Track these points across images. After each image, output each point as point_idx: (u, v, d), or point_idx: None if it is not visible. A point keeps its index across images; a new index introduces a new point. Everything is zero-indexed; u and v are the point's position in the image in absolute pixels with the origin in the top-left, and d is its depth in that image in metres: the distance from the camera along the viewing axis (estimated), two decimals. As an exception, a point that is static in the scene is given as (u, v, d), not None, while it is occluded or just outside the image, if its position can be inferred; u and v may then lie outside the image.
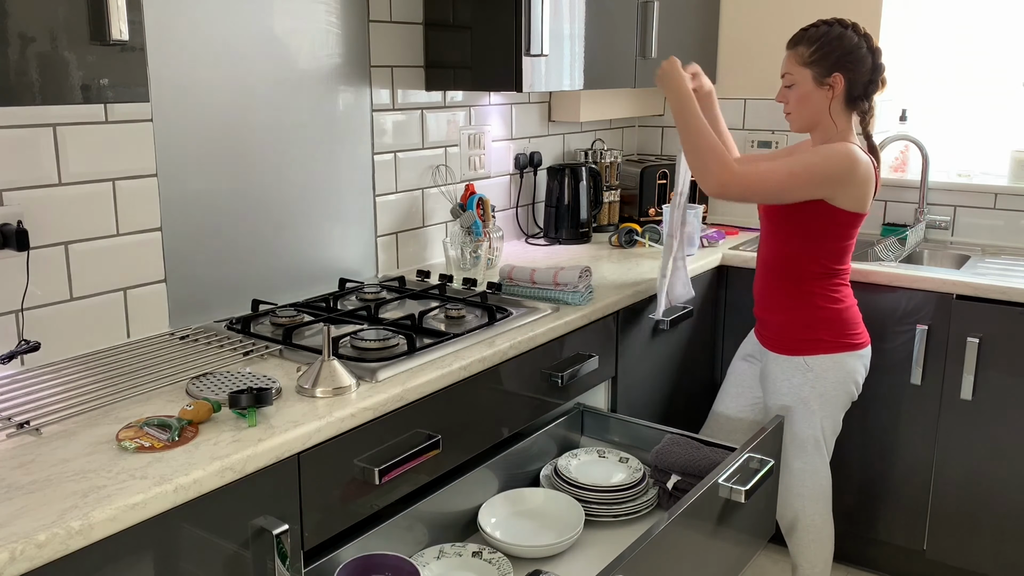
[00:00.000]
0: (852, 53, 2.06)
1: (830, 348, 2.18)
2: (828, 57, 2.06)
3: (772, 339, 2.27)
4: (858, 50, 2.06)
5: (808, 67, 2.08)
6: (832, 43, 2.06)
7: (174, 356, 1.73)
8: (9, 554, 1.05)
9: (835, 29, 2.08)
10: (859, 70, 2.07)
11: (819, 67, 2.07)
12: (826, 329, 2.18)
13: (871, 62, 2.08)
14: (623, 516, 1.96)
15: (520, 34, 2.27)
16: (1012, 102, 3.06)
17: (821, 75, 2.07)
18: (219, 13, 1.92)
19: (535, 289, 2.19)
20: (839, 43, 2.06)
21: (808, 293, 2.18)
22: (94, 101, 1.35)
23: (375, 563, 1.55)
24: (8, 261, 1.61)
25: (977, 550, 2.59)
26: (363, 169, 2.34)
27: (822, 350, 2.18)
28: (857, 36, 2.07)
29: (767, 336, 2.29)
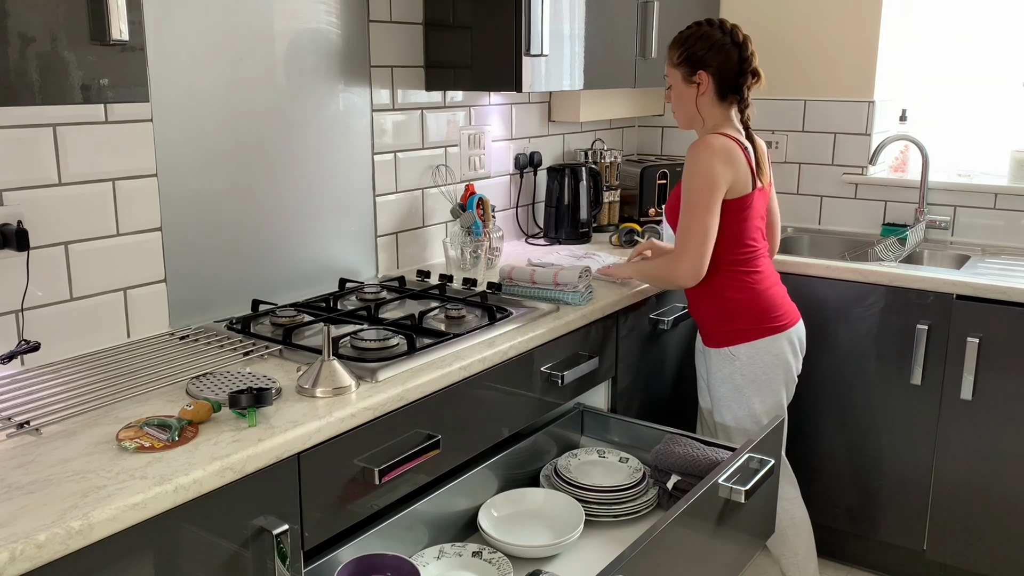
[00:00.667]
0: (716, 50, 2.13)
1: (750, 335, 2.22)
2: (692, 56, 2.14)
3: (703, 334, 2.33)
4: (721, 46, 2.13)
5: (677, 68, 2.18)
6: (696, 42, 2.14)
7: (174, 356, 1.73)
8: (9, 554, 1.05)
9: (701, 28, 2.16)
10: (724, 65, 2.14)
11: (685, 67, 2.16)
12: (742, 318, 2.22)
13: (737, 55, 2.14)
14: (623, 516, 1.96)
15: (520, 34, 2.27)
16: (1012, 102, 3.06)
17: (688, 74, 2.16)
18: (219, 13, 1.92)
19: (535, 289, 2.19)
20: (702, 41, 2.14)
21: (717, 287, 2.21)
22: (94, 101, 1.35)
23: (375, 563, 1.55)
24: (8, 261, 1.61)
25: (977, 550, 2.59)
26: (363, 169, 2.34)
27: (743, 339, 2.23)
28: (722, 32, 2.14)
29: (701, 332, 2.36)
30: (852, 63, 3.09)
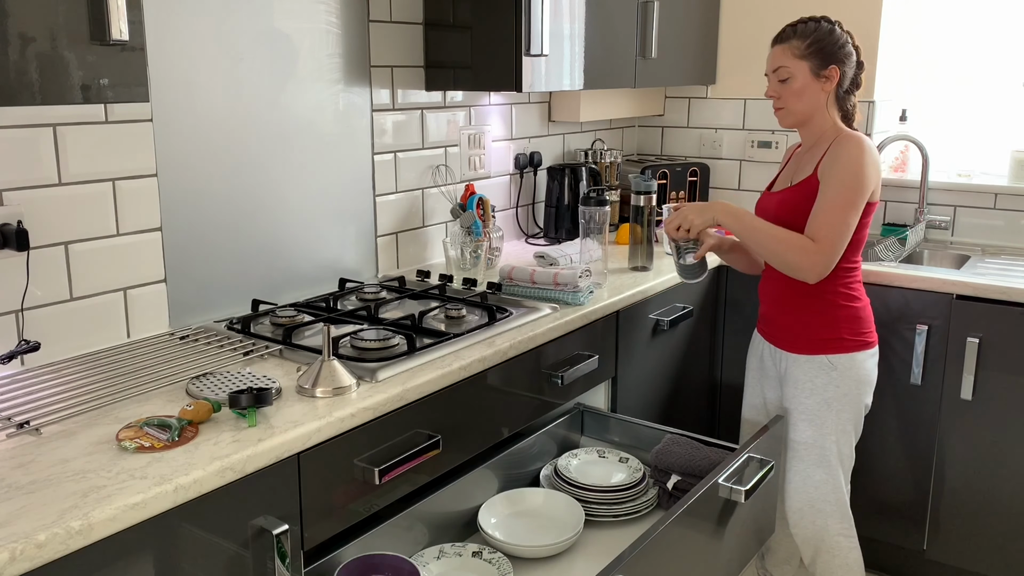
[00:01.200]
0: (844, 47, 2.10)
1: (851, 347, 2.15)
2: (824, 50, 2.08)
3: (789, 340, 2.21)
4: (847, 45, 2.11)
5: (805, 59, 2.08)
6: (826, 36, 2.09)
7: (174, 356, 1.73)
8: (9, 554, 1.05)
9: (824, 24, 2.11)
10: (849, 64, 2.11)
11: (816, 59, 2.08)
12: (847, 327, 2.14)
13: (856, 58, 2.13)
14: (623, 516, 1.96)
15: (520, 34, 2.27)
16: (1012, 102, 3.06)
17: (818, 67, 2.08)
18: (219, 13, 1.92)
19: (535, 289, 2.19)
20: (831, 36, 2.09)
21: (826, 291, 2.14)
22: (94, 101, 1.35)
23: (375, 563, 1.55)
24: (8, 261, 1.61)
25: (977, 550, 2.59)
26: (363, 169, 2.34)
27: (844, 348, 2.15)
28: (843, 31, 2.12)
29: (782, 337, 2.23)
30: (852, 63, 3.09)
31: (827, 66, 2.08)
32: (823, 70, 2.08)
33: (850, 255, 2.12)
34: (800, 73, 2.09)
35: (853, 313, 2.15)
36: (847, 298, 2.15)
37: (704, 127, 3.43)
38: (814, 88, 2.10)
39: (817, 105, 2.11)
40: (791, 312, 2.19)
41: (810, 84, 2.09)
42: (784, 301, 2.20)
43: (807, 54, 2.08)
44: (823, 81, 2.09)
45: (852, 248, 2.11)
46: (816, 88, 2.10)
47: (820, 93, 2.11)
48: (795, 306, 2.18)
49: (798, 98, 2.11)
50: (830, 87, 2.10)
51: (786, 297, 2.19)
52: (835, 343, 2.15)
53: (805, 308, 2.16)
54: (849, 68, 2.11)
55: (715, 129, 3.40)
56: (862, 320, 2.16)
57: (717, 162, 3.40)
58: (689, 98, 3.44)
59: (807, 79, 2.09)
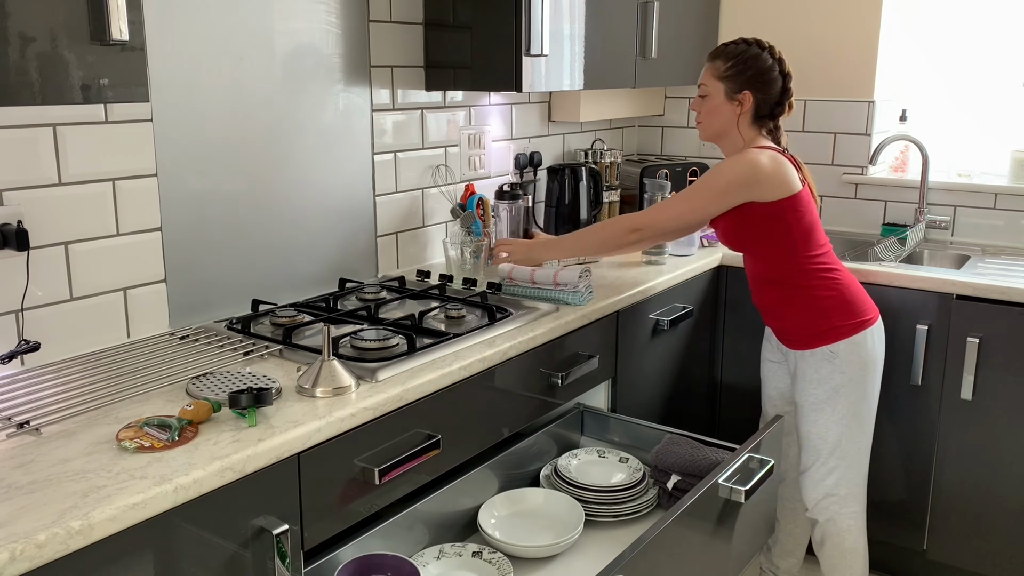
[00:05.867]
0: (764, 74, 2.15)
1: (849, 331, 2.19)
2: (741, 75, 2.15)
3: (791, 339, 2.27)
4: (770, 72, 2.16)
5: (722, 81, 2.17)
6: (747, 62, 2.15)
7: (174, 356, 1.73)
8: (9, 554, 1.05)
9: (752, 49, 2.16)
10: (768, 91, 2.16)
11: (731, 83, 2.16)
12: (838, 315, 2.18)
13: (780, 85, 2.17)
14: (623, 516, 1.96)
15: (520, 34, 2.27)
16: (1012, 102, 3.06)
17: (732, 91, 2.16)
18: (219, 13, 1.92)
19: (535, 289, 2.19)
20: (754, 63, 2.15)
21: (804, 289, 2.19)
22: (94, 101, 1.35)
23: (375, 563, 1.55)
24: (8, 261, 1.61)
25: (977, 550, 2.59)
26: (363, 169, 2.34)
27: (842, 335, 2.19)
28: (772, 59, 2.16)
29: (784, 337, 2.31)
30: (852, 63, 3.09)
31: (740, 91, 2.15)
32: (736, 94, 2.16)
33: (806, 248, 2.16)
34: (716, 93, 2.18)
35: (838, 301, 2.19)
36: (825, 288, 2.19)
37: (704, 127, 3.42)
38: (726, 109, 2.18)
39: (728, 124, 2.20)
40: (781, 317, 2.27)
41: (722, 105, 2.18)
42: (774, 311, 2.28)
43: (724, 76, 2.17)
44: (735, 104, 2.17)
45: (804, 243, 2.16)
46: (728, 109, 2.18)
47: (731, 114, 2.18)
48: (784, 313, 2.25)
49: (711, 116, 2.21)
50: (742, 110, 2.17)
51: (776, 307, 2.27)
52: (830, 332, 2.19)
53: (793, 312, 2.23)
54: (768, 95, 2.16)
55: (715, 129, 3.39)
56: (849, 303, 2.20)
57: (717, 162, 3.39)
58: (689, 98, 3.44)
59: (720, 99, 2.18)
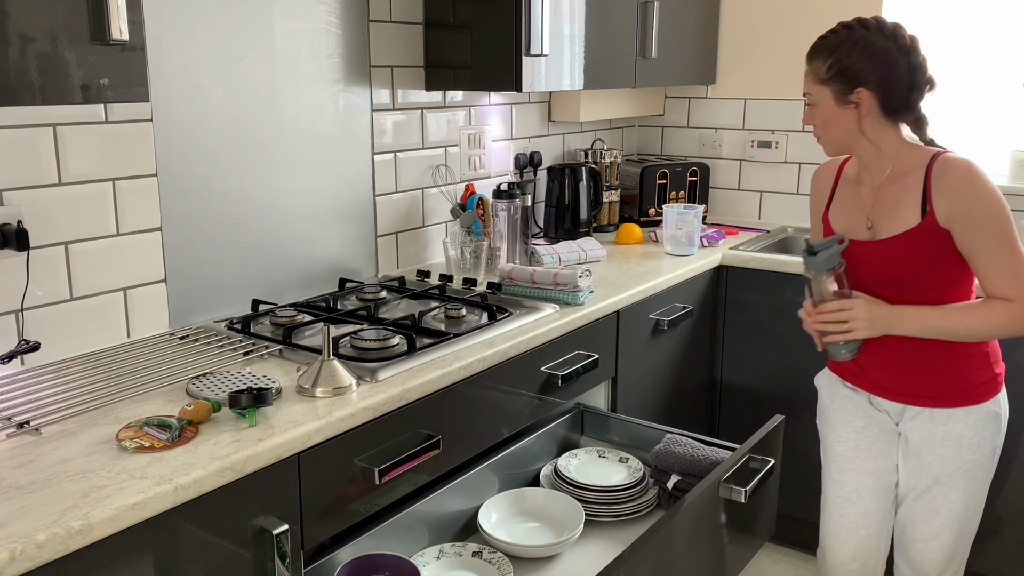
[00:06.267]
0: (878, 61, 1.69)
1: (1001, 381, 1.83)
2: (848, 70, 1.70)
3: (939, 395, 1.79)
4: (885, 55, 1.69)
5: (826, 85, 1.74)
6: (851, 53, 1.70)
7: (174, 356, 1.73)
8: (9, 554, 1.05)
9: (856, 33, 1.71)
10: (891, 79, 1.69)
11: (839, 84, 1.72)
12: (998, 361, 1.83)
13: (906, 64, 1.69)
14: (623, 516, 1.96)
15: (520, 34, 2.27)
16: (1012, 102, 3.06)
17: (842, 92, 1.72)
18: (219, 13, 1.92)
19: (535, 289, 2.19)
20: (860, 52, 1.69)
21: None
22: (94, 101, 1.35)
23: (375, 563, 1.55)
24: (8, 261, 1.61)
25: (978, 551, 2.59)
26: (363, 169, 2.34)
27: (999, 385, 1.82)
28: (883, 37, 1.70)
29: (923, 394, 1.81)
30: (852, 63, 3.09)
31: (852, 90, 1.71)
32: (848, 94, 1.72)
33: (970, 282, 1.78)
34: (824, 100, 1.76)
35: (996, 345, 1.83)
36: None
37: (704, 127, 3.43)
38: (842, 117, 1.74)
39: (851, 134, 1.76)
40: (938, 368, 1.78)
41: (836, 113, 1.75)
42: (925, 358, 1.79)
43: (828, 78, 1.73)
44: (851, 109, 1.73)
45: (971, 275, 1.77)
46: (845, 117, 1.74)
47: (850, 121, 1.74)
48: (943, 359, 1.78)
49: (828, 128, 1.78)
50: (861, 113, 1.72)
51: (925, 360, 1.79)
52: (993, 382, 1.80)
53: (957, 354, 1.77)
54: (891, 84, 1.69)
55: (715, 129, 3.40)
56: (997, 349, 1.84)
57: (717, 162, 3.40)
58: (689, 98, 3.44)
59: (831, 107, 1.75)
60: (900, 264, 1.74)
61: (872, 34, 1.70)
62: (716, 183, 3.41)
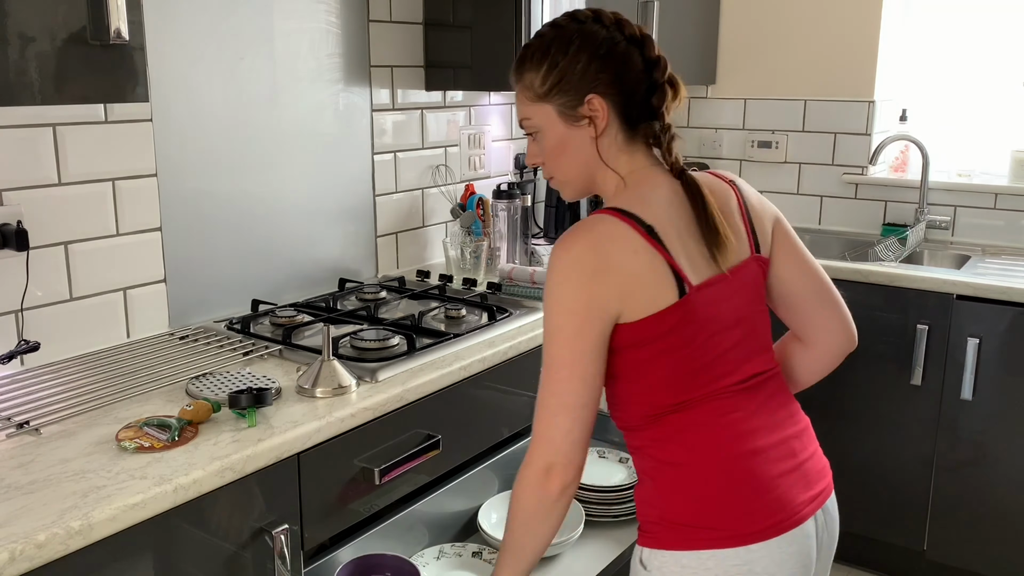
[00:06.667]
0: (605, 54, 1.25)
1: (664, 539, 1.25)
2: (571, 73, 1.25)
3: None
4: (613, 46, 1.25)
5: (546, 100, 1.27)
6: (570, 51, 1.25)
7: (174, 356, 1.73)
8: (9, 554, 1.05)
9: (568, 28, 1.27)
10: (626, 75, 1.25)
11: (563, 95, 1.26)
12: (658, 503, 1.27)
13: (640, 57, 1.27)
14: (623, 516, 1.96)
15: (520, 34, 2.27)
16: (1012, 102, 3.06)
17: (569, 105, 1.26)
18: (219, 13, 1.92)
19: (535, 289, 2.18)
20: (580, 47, 1.25)
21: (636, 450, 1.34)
22: (94, 101, 1.35)
23: (375, 563, 1.55)
24: (8, 261, 1.61)
25: (977, 550, 2.59)
26: (363, 169, 2.34)
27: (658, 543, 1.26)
28: (604, 27, 1.27)
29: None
30: (852, 63, 3.09)
31: (581, 100, 1.25)
32: (578, 106, 1.25)
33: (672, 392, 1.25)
34: (547, 123, 1.29)
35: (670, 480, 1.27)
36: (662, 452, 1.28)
37: (704, 127, 3.43)
38: (577, 140, 1.28)
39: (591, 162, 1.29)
40: None
41: (569, 137, 1.28)
42: None
43: (545, 92, 1.27)
44: (583, 124, 1.27)
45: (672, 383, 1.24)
46: (580, 138, 1.28)
47: (588, 145, 1.28)
48: None
49: (560, 158, 1.30)
50: (600, 128, 1.26)
51: None
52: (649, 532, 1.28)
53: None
54: (628, 81, 1.25)
55: (715, 129, 3.40)
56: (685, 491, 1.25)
57: (717, 162, 3.40)
58: (689, 98, 3.42)
59: (558, 130, 1.28)
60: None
61: (589, 24, 1.27)
62: (716, 183, 3.41)
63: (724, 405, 1.26)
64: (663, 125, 1.28)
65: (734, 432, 1.25)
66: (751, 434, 1.26)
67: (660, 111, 1.28)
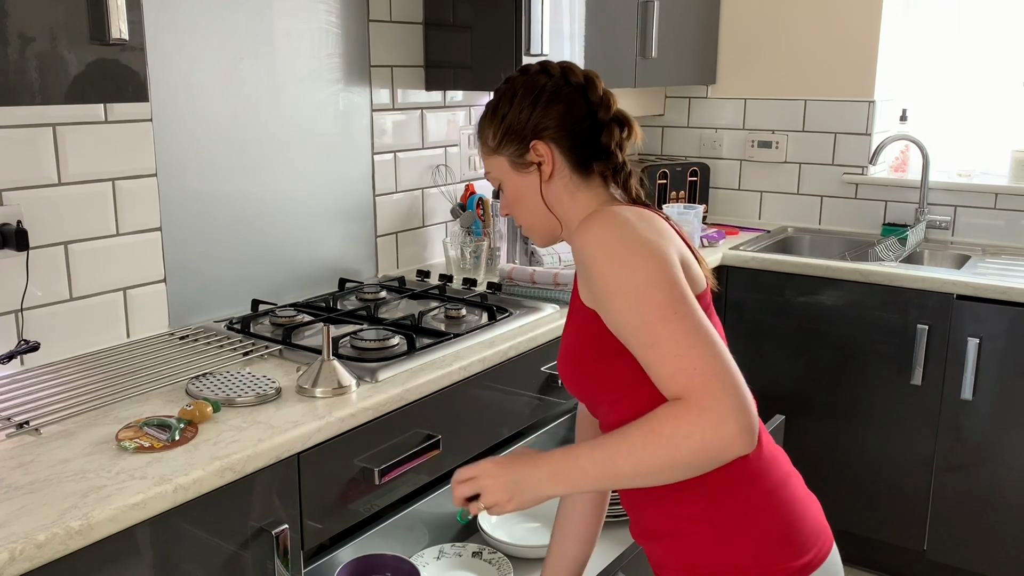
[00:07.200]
0: (548, 101, 1.28)
1: None
2: (516, 124, 1.28)
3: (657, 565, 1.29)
4: (556, 92, 1.28)
5: (499, 152, 1.31)
6: (513, 102, 1.29)
7: (174, 356, 1.73)
8: (9, 554, 1.05)
9: (515, 82, 1.31)
10: (569, 118, 1.28)
11: (511, 145, 1.29)
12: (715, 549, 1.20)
13: (583, 100, 1.29)
14: (623, 516, 1.96)
15: (520, 34, 2.27)
16: (1012, 102, 3.06)
17: (517, 154, 1.29)
18: (219, 13, 1.92)
19: (535, 289, 2.19)
20: (523, 97, 1.29)
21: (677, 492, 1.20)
22: (94, 101, 1.35)
23: (375, 563, 1.55)
24: (8, 261, 1.61)
25: (977, 550, 2.59)
26: (363, 169, 2.34)
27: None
28: (547, 76, 1.30)
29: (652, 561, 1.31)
30: (852, 63, 3.09)
31: (527, 148, 1.28)
32: (525, 155, 1.29)
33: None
34: (503, 173, 1.32)
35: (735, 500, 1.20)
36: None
37: (704, 127, 3.43)
38: (527, 186, 1.30)
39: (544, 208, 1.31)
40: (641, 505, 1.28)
41: (520, 183, 1.31)
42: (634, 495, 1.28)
43: (497, 145, 1.31)
44: (533, 172, 1.29)
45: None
46: (529, 185, 1.30)
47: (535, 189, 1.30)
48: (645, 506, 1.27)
49: (521, 208, 1.33)
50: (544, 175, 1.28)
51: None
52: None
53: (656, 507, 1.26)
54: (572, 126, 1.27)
55: (715, 129, 3.40)
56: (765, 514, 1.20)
57: (717, 162, 3.40)
58: (689, 98, 3.44)
59: (513, 180, 1.31)
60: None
61: (533, 76, 1.31)
62: (716, 183, 3.42)
63: None
64: (618, 163, 1.30)
65: (771, 454, 1.21)
66: (775, 461, 1.22)
67: (611, 150, 1.29)
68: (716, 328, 1.18)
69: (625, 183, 1.31)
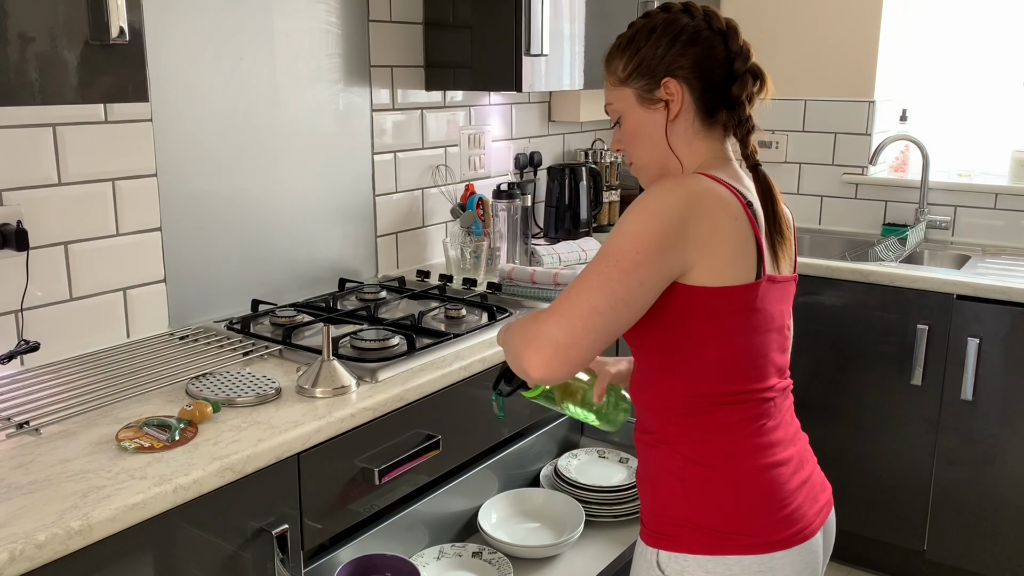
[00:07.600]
0: (686, 41, 1.27)
1: (688, 542, 1.25)
2: (650, 58, 1.27)
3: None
4: (695, 34, 1.27)
5: (627, 84, 1.30)
6: (651, 37, 1.28)
7: (174, 356, 1.73)
8: (9, 554, 1.05)
9: (655, 19, 1.30)
10: (706, 63, 1.27)
11: (641, 79, 1.28)
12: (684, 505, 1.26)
13: (723, 47, 1.28)
14: (623, 516, 1.96)
15: (520, 34, 2.27)
16: (1012, 102, 3.06)
17: (646, 89, 1.28)
18: (219, 13, 1.92)
19: (535, 289, 2.19)
20: (662, 34, 1.28)
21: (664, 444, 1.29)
22: (94, 101, 1.35)
23: (375, 563, 1.55)
24: (8, 261, 1.61)
25: (977, 550, 2.59)
26: (363, 169, 2.34)
27: (680, 546, 1.26)
28: (690, 17, 1.29)
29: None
30: (852, 63, 3.09)
31: (659, 83, 1.27)
32: (654, 89, 1.28)
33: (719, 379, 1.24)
34: (626, 108, 1.32)
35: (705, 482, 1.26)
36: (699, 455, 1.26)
37: (704, 127, 3.42)
38: (651, 122, 1.29)
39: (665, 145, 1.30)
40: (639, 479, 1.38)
41: (645, 120, 1.30)
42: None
43: (627, 76, 1.30)
44: (660, 108, 1.28)
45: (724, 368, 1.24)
46: (655, 122, 1.29)
47: (662, 127, 1.29)
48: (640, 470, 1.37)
49: (637, 143, 1.32)
50: (671, 113, 1.28)
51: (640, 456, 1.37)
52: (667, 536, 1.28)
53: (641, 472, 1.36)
54: (709, 68, 1.27)
55: (715, 129, 3.40)
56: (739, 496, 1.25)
57: (717, 162, 3.40)
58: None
59: (636, 114, 1.31)
60: None
61: (675, 14, 1.30)
62: (716, 183, 3.41)
63: (758, 411, 1.26)
64: (742, 116, 1.30)
65: (764, 441, 1.27)
66: (776, 445, 1.28)
67: (740, 101, 1.29)
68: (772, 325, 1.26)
69: (745, 137, 1.31)
